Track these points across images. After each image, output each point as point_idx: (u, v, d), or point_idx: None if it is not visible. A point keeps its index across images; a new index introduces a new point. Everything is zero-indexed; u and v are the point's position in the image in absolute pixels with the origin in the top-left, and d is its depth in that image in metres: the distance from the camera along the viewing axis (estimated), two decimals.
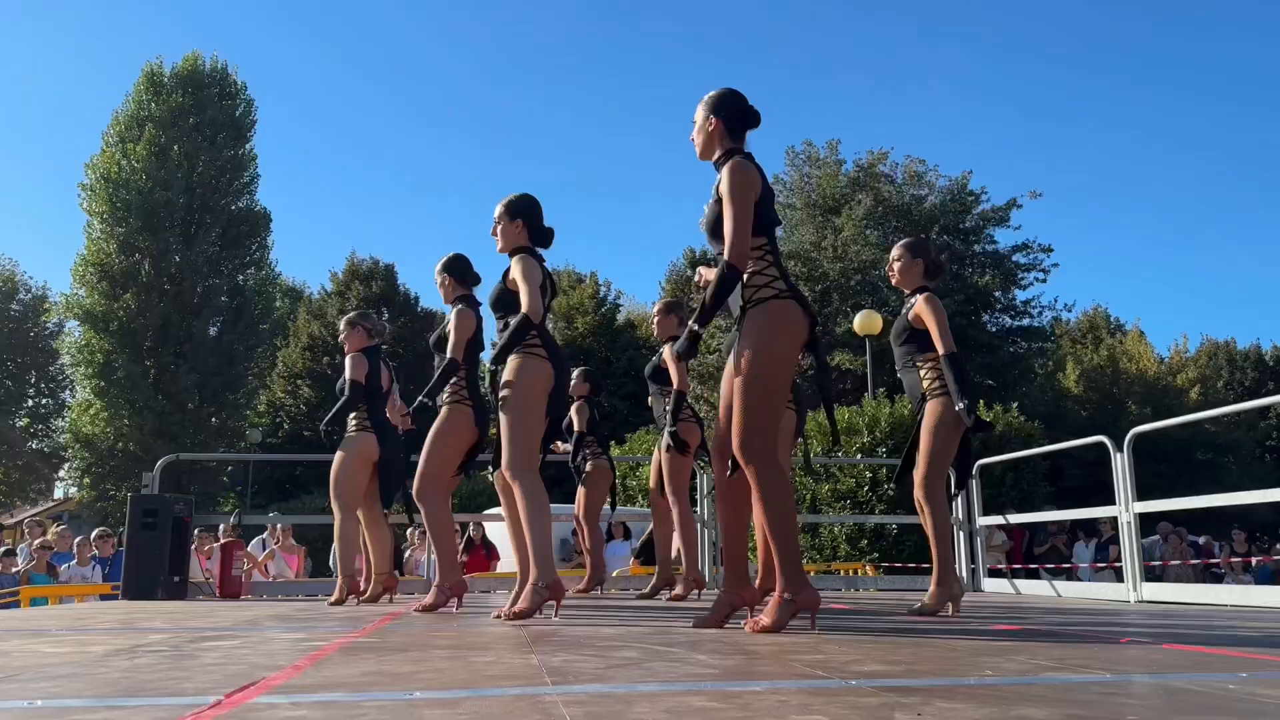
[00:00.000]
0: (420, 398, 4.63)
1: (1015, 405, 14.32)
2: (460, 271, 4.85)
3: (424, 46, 71.68)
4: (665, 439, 5.69)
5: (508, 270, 4.03)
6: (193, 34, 65.61)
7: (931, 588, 4.38)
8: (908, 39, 61.71)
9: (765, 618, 3.07)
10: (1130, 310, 78.16)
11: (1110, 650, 2.77)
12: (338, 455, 5.51)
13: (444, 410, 4.55)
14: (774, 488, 3.12)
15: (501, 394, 3.85)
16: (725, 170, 3.28)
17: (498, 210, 4.13)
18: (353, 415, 5.54)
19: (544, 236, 4.15)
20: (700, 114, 3.45)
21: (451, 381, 4.57)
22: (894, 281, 4.65)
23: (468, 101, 72.22)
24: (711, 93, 3.47)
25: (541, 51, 71.71)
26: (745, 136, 3.44)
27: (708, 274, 3.61)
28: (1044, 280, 24.50)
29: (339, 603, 5.38)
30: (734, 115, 3.41)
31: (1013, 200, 24.00)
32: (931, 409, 4.37)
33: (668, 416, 5.66)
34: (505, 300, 3.99)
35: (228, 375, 27.35)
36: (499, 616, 3.89)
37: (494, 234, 4.13)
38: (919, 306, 4.41)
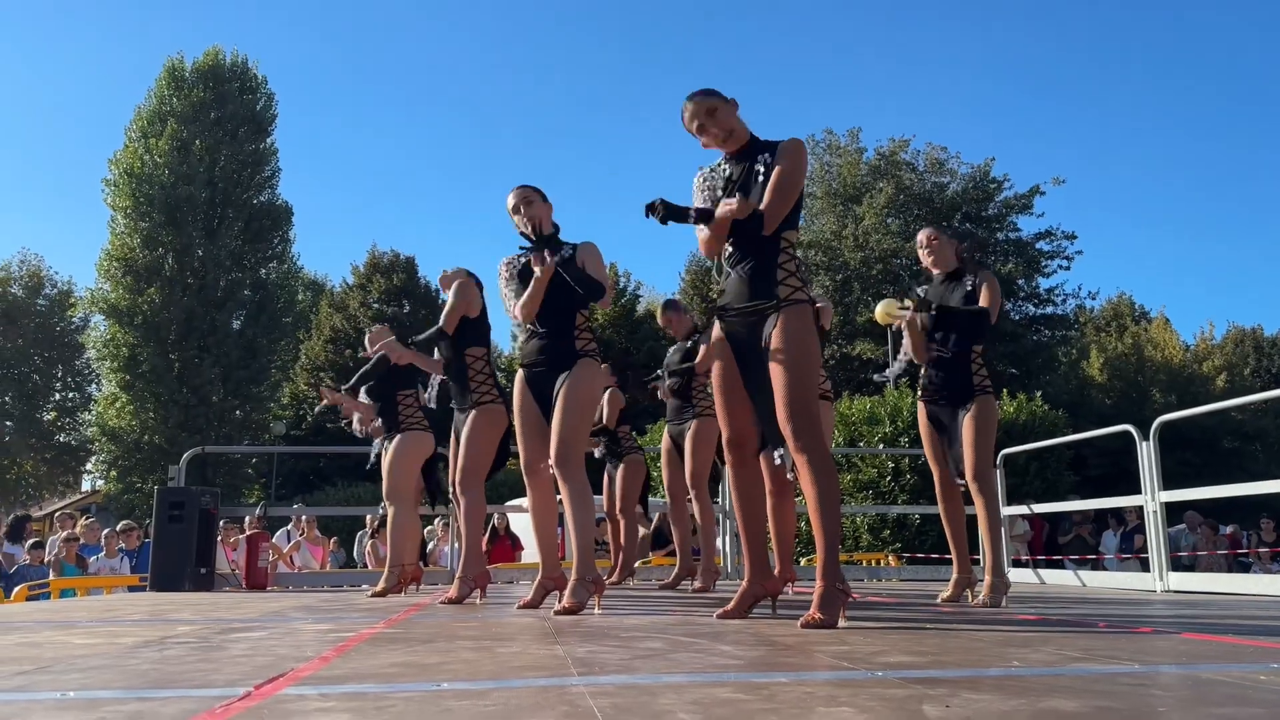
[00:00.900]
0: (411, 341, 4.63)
1: (1039, 394, 14.24)
2: None
3: (442, 39, 71.76)
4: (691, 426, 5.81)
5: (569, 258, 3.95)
6: (213, 29, 66.01)
7: (987, 579, 4.40)
8: (929, 25, 61.29)
9: (819, 613, 2.96)
10: (1155, 298, 77.40)
11: (1138, 641, 2.75)
12: (394, 450, 5.53)
13: (475, 412, 4.52)
14: (828, 472, 3.09)
15: (561, 391, 3.84)
16: (793, 145, 3.22)
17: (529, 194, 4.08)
18: (406, 409, 5.59)
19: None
20: (717, 104, 3.28)
21: (479, 380, 4.56)
22: (927, 262, 4.62)
23: (486, 94, 72.32)
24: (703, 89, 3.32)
25: (558, 42, 71.70)
26: None
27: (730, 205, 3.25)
28: (1067, 268, 24.41)
29: (381, 594, 5.35)
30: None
31: (1035, 187, 23.86)
32: (982, 404, 4.40)
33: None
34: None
35: (251, 368, 27.57)
36: (522, 607, 3.93)
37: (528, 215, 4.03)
38: (991, 283, 4.41)
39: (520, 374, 4.05)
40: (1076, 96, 63.69)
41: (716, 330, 3.34)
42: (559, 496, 3.96)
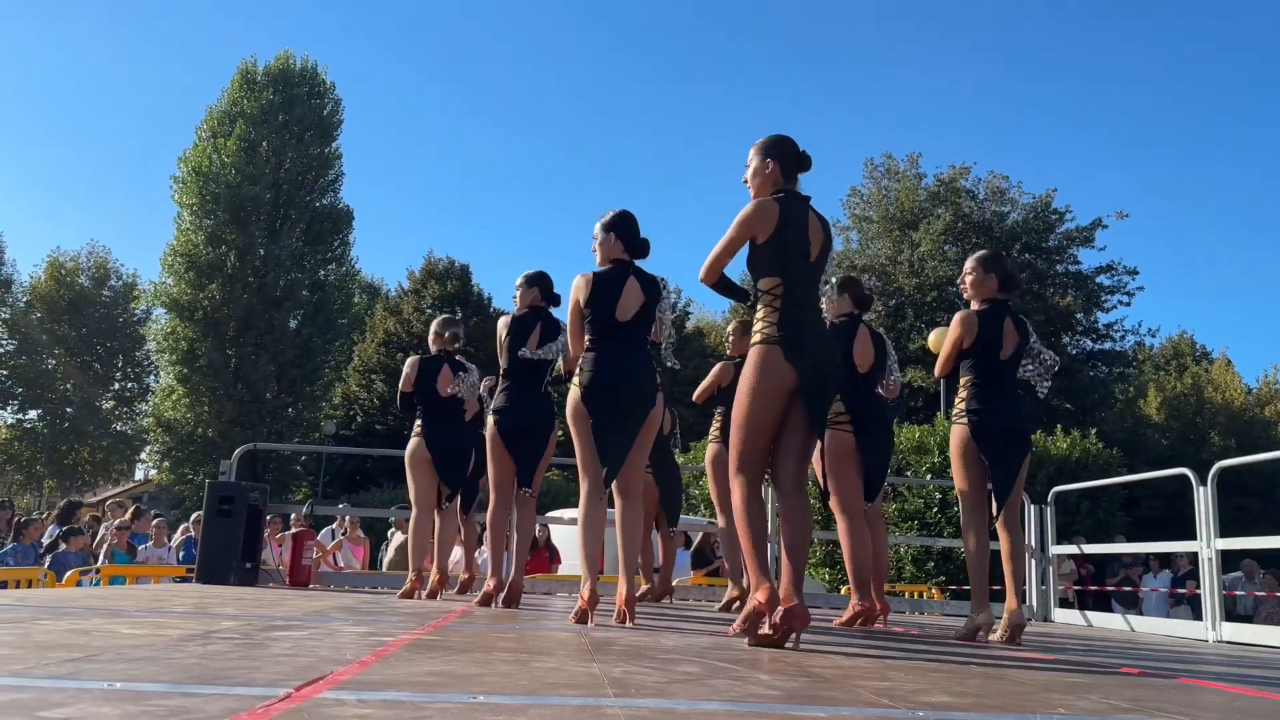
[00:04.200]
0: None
1: (1094, 431, 13.97)
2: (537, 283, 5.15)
3: (503, 53, 72.55)
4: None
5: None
6: (287, 33, 67.42)
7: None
8: (996, 56, 60.72)
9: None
10: (1218, 338, 75.65)
11: (1188, 693, 2.68)
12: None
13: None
14: (737, 505, 3.35)
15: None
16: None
17: (596, 228, 4.28)
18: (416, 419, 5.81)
19: (640, 247, 4.26)
20: (754, 158, 3.57)
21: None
22: (966, 295, 4.60)
23: (545, 107, 72.91)
24: (764, 138, 3.59)
25: (614, 58, 72.16)
26: (797, 179, 3.55)
27: None
28: (1128, 303, 23.94)
29: (408, 594, 5.49)
30: (788, 159, 3.53)
31: (1098, 220, 23.46)
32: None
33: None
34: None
35: (305, 367, 28.01)
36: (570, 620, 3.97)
37: (596, 250, 4.28)
38: (954, 320, 4.45)
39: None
40: (1143, 130, 62.62)
41: None
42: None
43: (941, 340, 4.52)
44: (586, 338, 4.13)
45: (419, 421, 5.72)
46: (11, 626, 2.81)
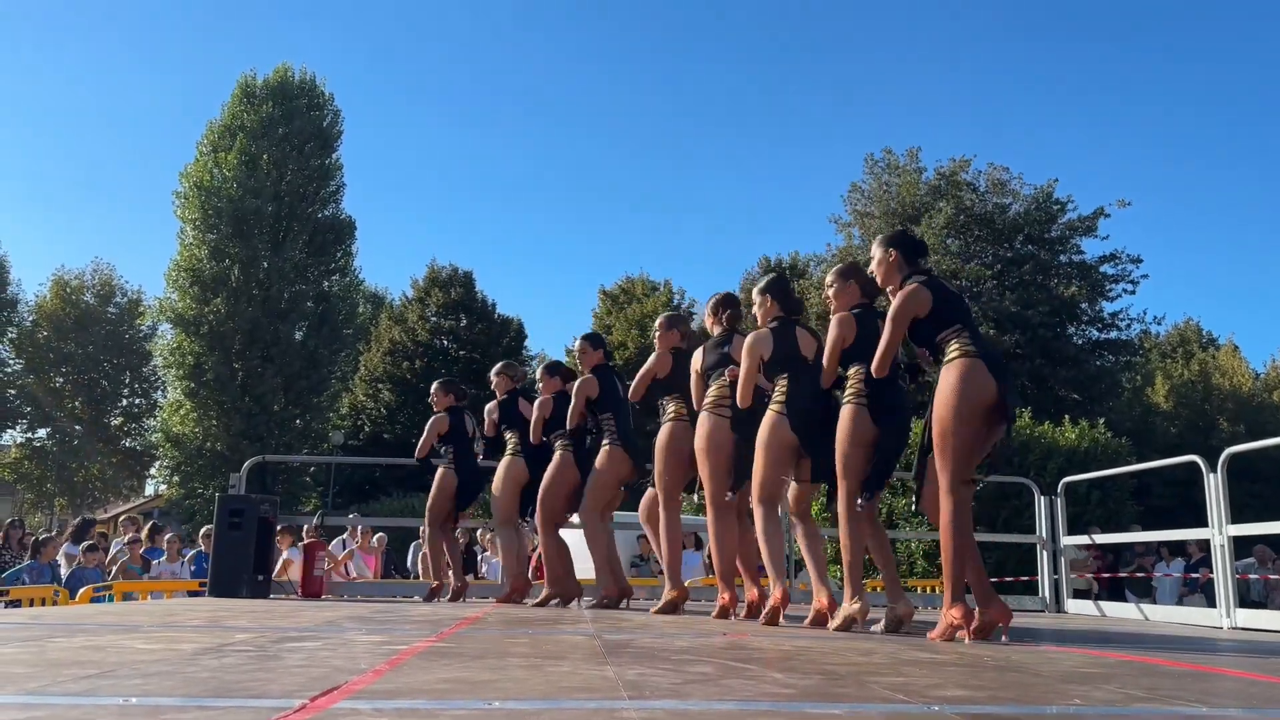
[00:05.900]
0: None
1: (1102, 421, 13.92)
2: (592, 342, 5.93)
3: (503, 55, 72.63)
4: None
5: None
6: (286, 46, 67.63)
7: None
8: (991, 45, 60.68)
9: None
10: (1224, 324, 75.37)
11: (1203, 681, 2.67)
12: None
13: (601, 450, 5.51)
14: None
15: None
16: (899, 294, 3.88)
17: (753, 292, 4.82)
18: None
19: (794, 305, 4.77)
20: (877, 250, 4.05)
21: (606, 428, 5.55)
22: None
23: (545, 111, 72.96)
24: (887, 232, 4.18)
25: (611, 60, 72.25)
26: (920, 261, 3.99)
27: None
28: (1133, 292, 23.81)
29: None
30: (907, 247, 4.00)
31: (1100, 209, 23.35)
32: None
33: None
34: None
35: (312, 378, 28.03)
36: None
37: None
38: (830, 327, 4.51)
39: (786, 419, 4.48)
40: (1144, 117, 62.42)
41: None
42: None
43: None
44: (778, 379, 4.47)
45: (512, 454, 6.20)
46: (27, 644, 2.82)
